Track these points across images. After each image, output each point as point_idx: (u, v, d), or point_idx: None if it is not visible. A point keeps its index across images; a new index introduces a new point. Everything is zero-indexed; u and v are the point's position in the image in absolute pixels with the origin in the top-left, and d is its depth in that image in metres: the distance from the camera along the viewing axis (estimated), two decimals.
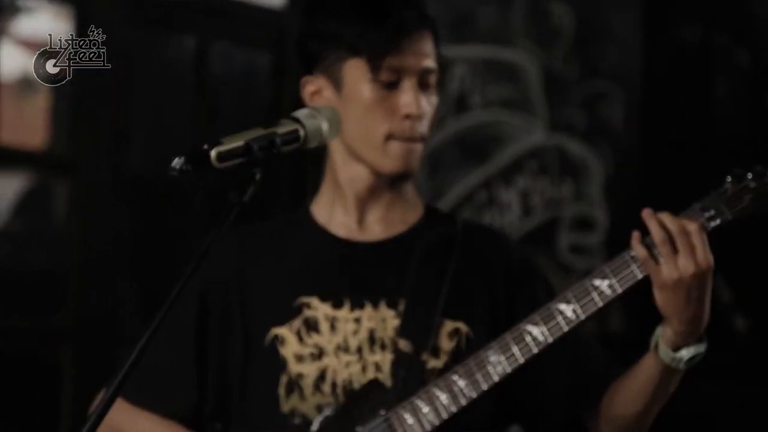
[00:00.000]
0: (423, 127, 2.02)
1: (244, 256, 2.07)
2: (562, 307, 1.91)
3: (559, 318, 1.91)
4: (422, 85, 2.01)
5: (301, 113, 1.92)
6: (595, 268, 1.93)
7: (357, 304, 2.01)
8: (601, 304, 1.90)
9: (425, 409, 1.94)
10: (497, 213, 4.45)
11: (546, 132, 4.55)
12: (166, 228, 4.16)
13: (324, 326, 2.01)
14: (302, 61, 2.09)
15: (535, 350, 1.92)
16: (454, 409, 1.93)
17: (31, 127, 4.29)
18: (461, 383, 1.93)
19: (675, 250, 1.85)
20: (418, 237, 2.06)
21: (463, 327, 2.01)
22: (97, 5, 3.82)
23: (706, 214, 1.88)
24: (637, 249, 1.87)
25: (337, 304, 2.02)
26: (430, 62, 2.02)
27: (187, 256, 4.34)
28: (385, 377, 1.99)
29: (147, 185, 4.02)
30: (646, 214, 1.88)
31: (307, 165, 3.81)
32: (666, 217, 1.87)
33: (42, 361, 3.94)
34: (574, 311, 1.91)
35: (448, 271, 2.02)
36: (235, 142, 1.83)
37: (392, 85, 2.01)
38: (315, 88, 2.08)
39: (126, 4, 3.88)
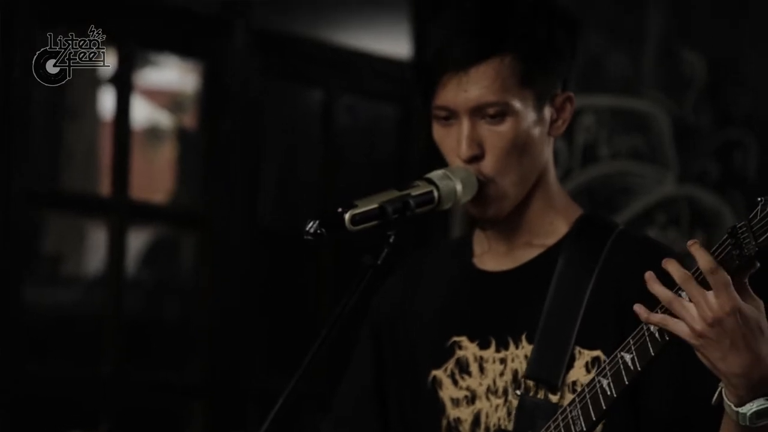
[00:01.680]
0: (488, 166, 1.92)
1: (407, 291, 2.05)
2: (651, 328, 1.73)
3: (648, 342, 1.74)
4: (485, 117, 1.92)
5: (435, 174, 1.91)
6: None
7: (501, 343, 1.95)
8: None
9: None
10: None
11: (677, 183, 4.46)
12: (296, 279, 4.18)
13: (474, 368, 1.96)
14: None
15: (626, 380, 1.75)
16: None
17: (159, 178, 4.36)
18: (574, 413, 1.80)
19: (684, 305, 1.66)
20: (556, 258, 1.94)
21: (602, 356, 1.88)
22: (228, 59, 3.88)
23: (729, 245, 1.64)
24: (651, 318, 1.69)
25: (484, 344, 1.96)
26: (481, 94, 1.90)
27: (316, 308, 4.36)
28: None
29: (277, 237, 4.04)
30: (648, 275, 1.70)
31: None
32: (671, 265, 1.67)
33: (172, 415, 3.98)
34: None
35: (585, 294, 1.91)
36: (369, 205, 1.82)
37: (449, 121, 1.95)
38: None
39: (256, 57, 3.93)
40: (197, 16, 3.85)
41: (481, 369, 1.95)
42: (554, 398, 1.90)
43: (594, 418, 1.79)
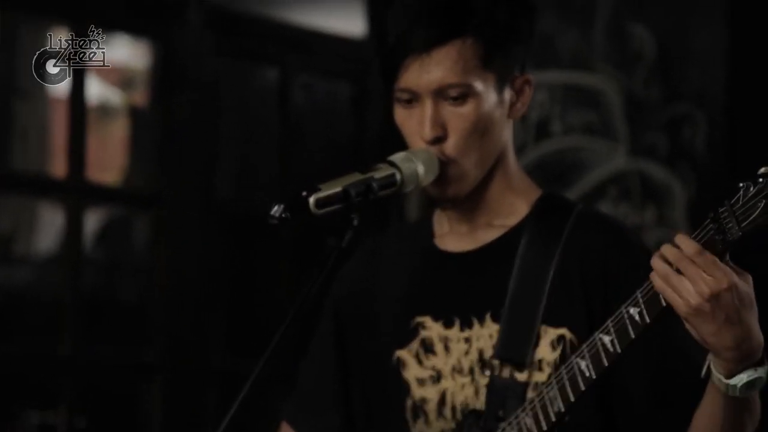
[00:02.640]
0: (450, 147, 1.94)
1: (367, 273, 2.06)
2: (632, 311, 1.77)
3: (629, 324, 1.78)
4: (448, 99, 1.94)
5: (397, 157, 1.93)
6: None
7: (465, 323, 1.97)
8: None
9: None
10: None
11: (628, 157, 4.52)
12: (253, 259, 4.19)
13: (439, 347, 1.98)
14: None
15: (605, 362, 1.79)
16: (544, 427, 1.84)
17: (111, 156, 4.34)
18: (551, 394, 1.84)
19: (681, 278, 1.70)
20: (518, 238, 1.97)
21: (567, 333, 1.92)
22: (183, 38, 3.87)
23: (711, 230, 1.69)
24: (655, 281, 1.73)
25: (448, 324, 1.98)
26: (443, 75, 1.92)
27: (274, 288, 4.37)
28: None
29: (233, 216, 4.05)
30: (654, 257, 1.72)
31: None
32: (666, 247, 1.71)
33: (131, 395, 3.98)
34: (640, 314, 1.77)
35: (548, 272, 1.92)
36: (333, 189, 1.84)
37: (411, 103, 1.96)
38: None
39: (211, 36, 3.93)
40: None
41: (446, 348, 1.98)
42: (521, 377, 1.92)
43: (572, 399, 1.81)
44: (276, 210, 1.80)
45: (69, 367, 3.70)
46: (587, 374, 1.80)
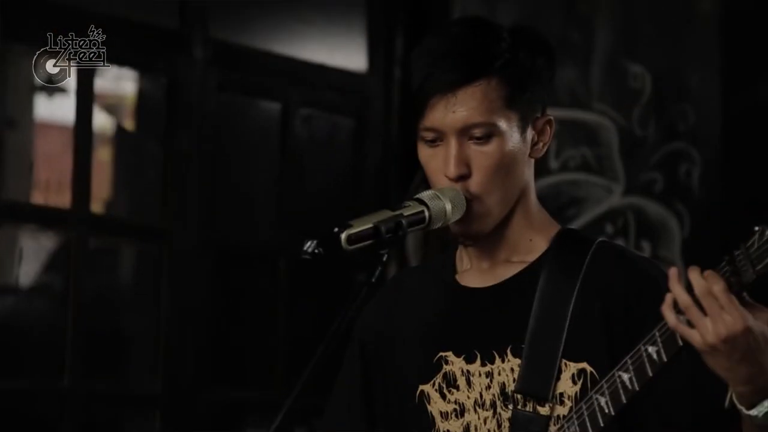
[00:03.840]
0: (474, 185, 1.97)
1: (391, 310, 2.09)
2: (650, 349, 1.80)
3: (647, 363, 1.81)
4: (472, 138, 1.97)
5: (425, 195, 1.95)
6: None
7: (487, 357, 1.99)
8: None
9: None
10: None
11: (623, 194, 4.56)
12: (252, 291, 4.20)
13: (461, 381, 2.01)
14: None
15: (624, 399, 1.82)
16: None
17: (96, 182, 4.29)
18: (572, 429, 1.88)
19: (704, 313, 1.74)
20: (538, 273, 2.00)
21: (588, 368, 1.94)
22: (187, 71, 3.89)
23: (727, 272, 1.73)
24: (667, 315, 1.77)
25: (470, 358, 2.01)
26: (469, 115, 1.95)
27: (271, 319, 4.35)
28: None
29: (233, 249, 4.06)
30: (672, 273, 1.76)
31: None
32: (694, 278, 1.74)
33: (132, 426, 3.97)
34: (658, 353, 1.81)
35: (569, 306, 1.95)
36: (364, 225, 1.86)
37: (436, 143, 1.98)
38: None
39: (214, 70, 3.95)
40: (156, 29, 3.85)
41: (468, 382, 2.00)
42: (543, 410, 1.95)
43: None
44: (309, 245, 1.82)
45: (69, 400, 3.69)
46: (606, 411, 1.84)
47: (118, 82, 4.33)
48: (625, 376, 1.81)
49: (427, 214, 1.92)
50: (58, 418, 3.69)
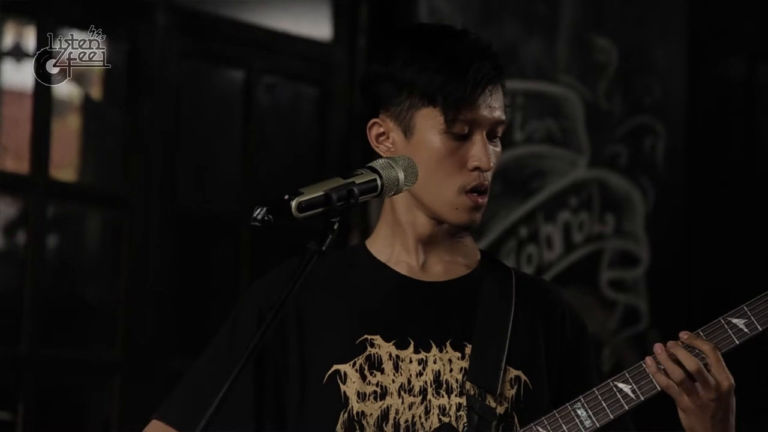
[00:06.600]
0: (489, 178, 2.04)
1: (303, 289, 2.01)
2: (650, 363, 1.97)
3: (650, 378, 1.97)
4: (490, 136, 2.04)
5: (377, 163, 1.93)
6: (636, 302, 1.97)
7: (422, 345, 2.02)
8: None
9: None
10: (539, 247, 4.46)
11: (588, 167, 4.56)
12: (212, 260, 4.18)
13: (388, 365, 2.02)
14: (369, 101, 2.09)
15: (626, 408, 1.96)
16: None
17: (65, 151, 4.29)
18: None
19: (694, 380, 1.93)
20: (479, 281, 2.08)
21: (522, 376, 2.03)
22: (149, 38, 3.86)
23: (739, 325, 1.94)
24: (658, 379, 1.94)
25: (402, 345, 2.03)
26: (500, 114, 2.04)
27: (233, 287, 4.34)
28: (451, 421, 2.00)
29: (194, 216, 4.04)
30: (658, 349, 1.95)
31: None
32: (681, 354, 1.93)
33: (87, 395, 3.96)
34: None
35: (509, 319, 2.05)
36: (314, 193, 1.83)
37: (463, 137, 2.03)
38: (382, 130, 2.07)
39: (177, 37, 3.92)
40: None
41: (396, 367, 2.01)
42: (492, 405, 2.01)
43: None
44: (258, 212, 1.79)
45: (27, 366, 3.67)
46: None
47: (86, 50, 4.29)
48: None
49: (379, 182, 1.90)
50: (15, 384, 3.67)
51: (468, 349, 2.02)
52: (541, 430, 1.97)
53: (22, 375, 3.66)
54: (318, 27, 4.23)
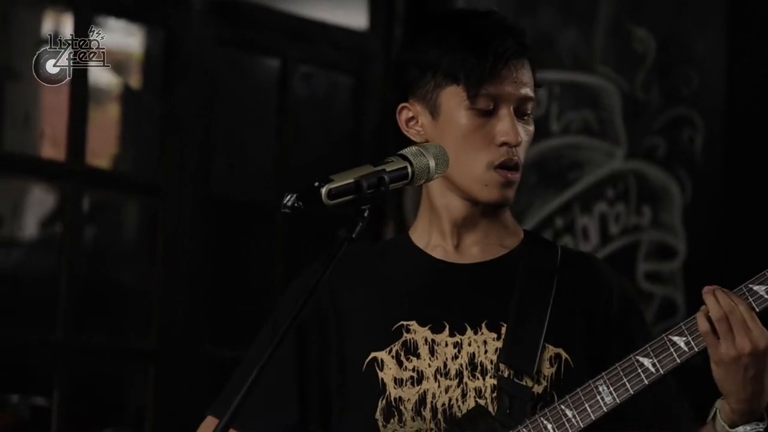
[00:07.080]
0: (520, 155, 2.02)
1: (339, 280, 2.06)
2: (675, 338, 1.92)
3: (672, 350, 1.92)
4: (519, 113, 2.02)
5: (408, 151, 1.94)
6: (673, 295, 1.95)
7: (457, 328, 2.01)
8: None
9: None
10: (575, 239, 4.44)
11: (625, 158, 4.53)
12: (247, 248, 4.19)
13: (423, 350, 2.01)
14: (398, 87, 2.09)
15: (646, 382, 1.92)
16: None
17: (104, 139, 4.31)
18: (569, 413, 1.93)
19: (731, 328, 1.89)
20: (517, 261, 2.06)
21: (563, 353, 2.01)
22: (185, 26, 3.87)
23: (760, 291, 1.91)
24: (701, 322, 1.91)
25: (437, 328, 2.02)
26: (527, 90, 2.02)
27: (268, 276, 4.34)
28: (487, 403, 1.99)
29: (229, 204, 4.05)
30: (706, 291, 1.91)
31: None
32: (720, 295, 1.90)
33: (122, 381, 3.98)
34: (687, 343, 1.92)
35: (550, 297, 2.03)
36: (345, 180, 1.84)
37: (489, 113, 2.01)
38: (411, 114, 2.07)
39: (213, 25, 3.93)
40: None
41: (432, 351, 2.01)
42: (527, 384, 1.99)
43: (593, 418, 1.94)
44: (289, 199, 1.80)
45: (62, 352, 3.70)
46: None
47: (124, 38, 4.31)
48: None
49: (410, 170, 1.91)
50: (50, 370, 3.69)
51: (504, 329, 2.01)
52: (565, 409, 1.95)
53: (57, 361, 3.69)
54: (354, 16, 4.22)
